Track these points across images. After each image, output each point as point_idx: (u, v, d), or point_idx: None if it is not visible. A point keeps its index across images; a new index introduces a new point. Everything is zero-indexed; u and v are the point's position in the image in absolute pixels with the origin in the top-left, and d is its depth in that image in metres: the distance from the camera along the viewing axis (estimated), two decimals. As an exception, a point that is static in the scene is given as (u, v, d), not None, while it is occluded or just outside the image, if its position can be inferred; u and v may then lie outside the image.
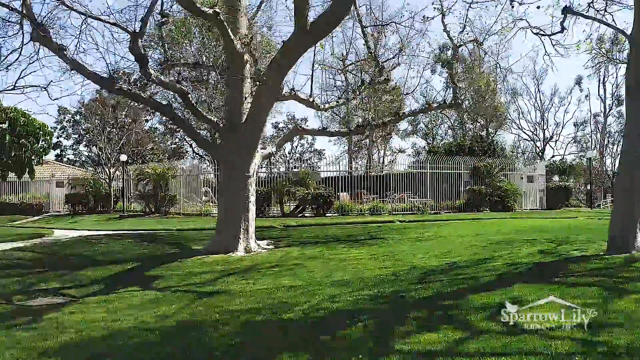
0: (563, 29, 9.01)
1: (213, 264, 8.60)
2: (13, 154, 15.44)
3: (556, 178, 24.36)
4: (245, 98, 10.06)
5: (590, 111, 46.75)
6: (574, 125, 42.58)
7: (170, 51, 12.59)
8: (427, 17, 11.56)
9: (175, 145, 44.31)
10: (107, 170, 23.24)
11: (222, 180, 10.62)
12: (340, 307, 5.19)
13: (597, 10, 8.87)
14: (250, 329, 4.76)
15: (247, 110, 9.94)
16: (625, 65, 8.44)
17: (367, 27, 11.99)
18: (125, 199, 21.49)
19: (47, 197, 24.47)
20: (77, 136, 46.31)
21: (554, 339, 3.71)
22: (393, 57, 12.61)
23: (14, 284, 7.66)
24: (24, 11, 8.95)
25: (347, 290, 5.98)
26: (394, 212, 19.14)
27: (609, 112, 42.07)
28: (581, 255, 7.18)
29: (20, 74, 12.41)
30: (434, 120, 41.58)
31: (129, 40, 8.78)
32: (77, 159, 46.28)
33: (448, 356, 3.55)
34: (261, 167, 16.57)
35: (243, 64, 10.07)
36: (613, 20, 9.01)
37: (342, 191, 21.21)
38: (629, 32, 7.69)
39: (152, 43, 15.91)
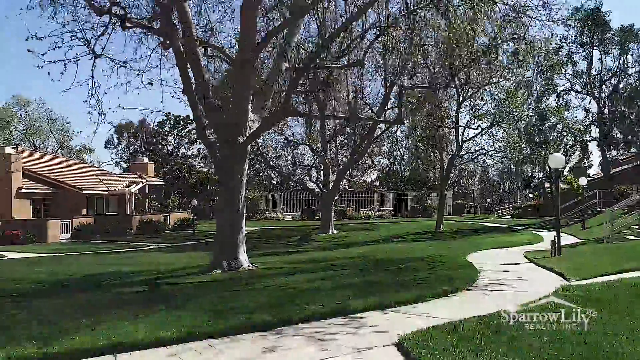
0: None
1: (327, 236, 27.90)
2: (194, 189, 34.54)
3: (459, 199, 45.31)
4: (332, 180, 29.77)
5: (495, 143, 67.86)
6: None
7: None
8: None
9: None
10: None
11: (322, 206, 30.14)
12: (372, 240, 24.90)
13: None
14: (362, 244, 24.40)
15: (332, 183, 29.59)
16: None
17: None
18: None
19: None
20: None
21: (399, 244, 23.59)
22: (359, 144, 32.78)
23: (270, 241, 26.90)
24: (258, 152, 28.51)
25: (371, 238, 25.69)
26: (376, 217, 39.15)
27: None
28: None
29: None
30: (395, 145, 62.05)
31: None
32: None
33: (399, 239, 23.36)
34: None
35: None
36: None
37: (347, 206, 41.13)
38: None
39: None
